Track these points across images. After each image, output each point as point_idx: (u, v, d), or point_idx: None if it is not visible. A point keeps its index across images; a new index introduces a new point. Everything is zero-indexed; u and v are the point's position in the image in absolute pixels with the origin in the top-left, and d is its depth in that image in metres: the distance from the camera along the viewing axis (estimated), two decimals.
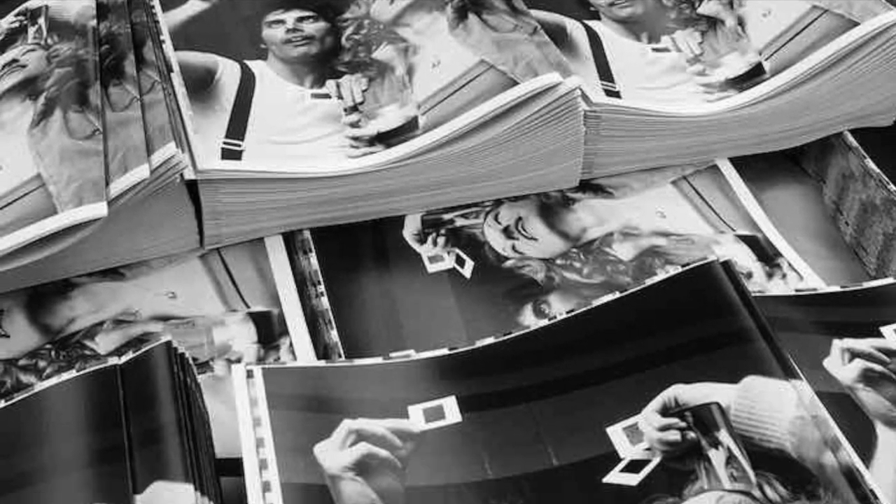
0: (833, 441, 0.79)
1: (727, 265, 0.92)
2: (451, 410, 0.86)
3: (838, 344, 0.92)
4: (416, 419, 0.85)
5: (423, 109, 1.11)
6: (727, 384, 0.84)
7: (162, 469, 0.77)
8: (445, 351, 0.91)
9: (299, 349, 1.01)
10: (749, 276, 1.08)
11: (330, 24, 1.23)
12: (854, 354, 0.91)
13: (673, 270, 0.93)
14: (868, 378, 0.89)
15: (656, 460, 0.81)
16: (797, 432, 0.80)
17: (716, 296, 0.90)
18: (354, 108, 1.13)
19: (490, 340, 0.91)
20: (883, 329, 0.93)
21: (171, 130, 1.01)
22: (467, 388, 0.87)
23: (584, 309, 0.92)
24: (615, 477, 0.81)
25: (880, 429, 0.86)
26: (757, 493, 0.77)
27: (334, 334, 1.00)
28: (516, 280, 1.07)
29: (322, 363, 0.92)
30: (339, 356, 0.98)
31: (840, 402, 0.87)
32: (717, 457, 0.80)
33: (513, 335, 0.92)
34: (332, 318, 1.01)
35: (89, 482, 0.77)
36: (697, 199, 1.18)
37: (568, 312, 0.92)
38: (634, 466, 0.81)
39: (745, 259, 1.10)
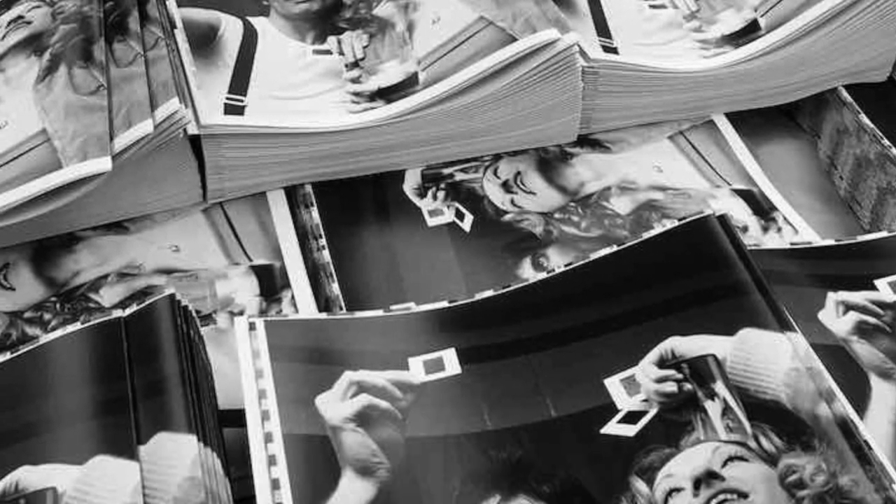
0: (828, 392, 0.79)
1: (723, 219, 0.92)
2: (451, 362, 0.85)
3: (833, 297, 0.91)
4: (416, 371, 0.85)
5: (423, 65, 1.11)
6: (723, 336, 0.83)
7: (165, 420, 0.76)
8: (445, 304, 0.90)
9: (301, 302, 1.01)
10: (745, 229, 1.07)
11: None
12: (848, 307, 0.90)
13: (670, 224, 0.92)
14: (862, 330, 0.89)
15: (653, 412, 0.80)
16: (792, 384, 0.79)
17: (712, 249, 0.89)
18: (355, 64, 1.13)
19: (489, 293, 0.91)
20: (877, 282, 0.93)
21: (174, 86, 1.01)
22: (467, 341, 0.87)
23: (582, 262, 0.91)
24: (612, 428, 0.80)
25: (874, 380, 0.86)
26: (752, 443, 0.77)
27: (335, 287, 0.99)
28: (515, 233, 1.07)
29: (323, 316, 0.91)
30: (341, 309, 0.97)
31: (834, 354, 0.86)
32: (713, 408, 0.79)
33: (512, 288, 0.91)
34: (333, 271, 1.01)
35: (93, 433, 0.77)
36: (694, 154, 1.17)
37: (566, 265, 0.92)
38: (632, 417, 0.80)
39: (740, 213, 1.10)
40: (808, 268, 0.94)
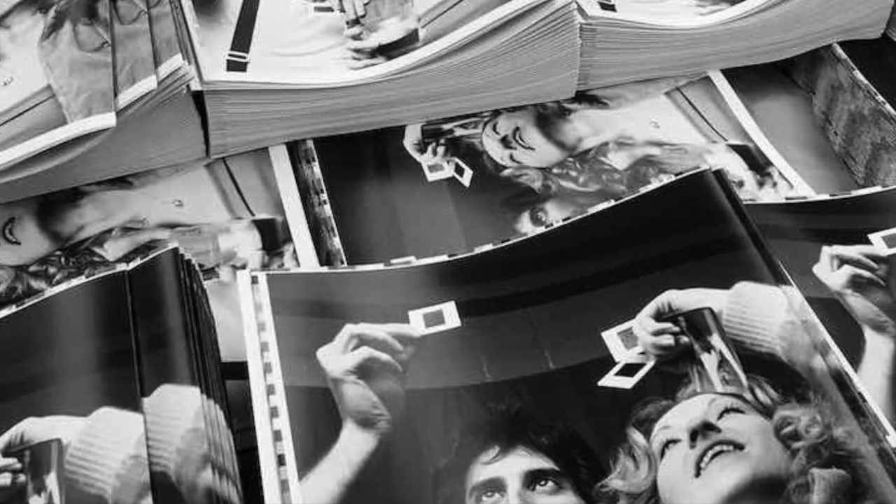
0: (822, 345, 0.78)
1: (719, 174, 0.91)
2: (451, 315, 0.85)
3: (827, 251, 0.91)
4: (416, 324, 0.84)
5: (423, 22, 1.09)
6: (719, 290, 0.83)
7: (168, 373, 0.76)
8: (445, 258, 0.89)
9: (302, 256, 1.00)
10: (740, 184, 1.07)
11: None
12: (843, 261, 0.90)
13: (666, 179, 0.91)
14: (856, 284, 0.88)
15: (650, 364, 0.80)
16: (787, 337, 0.79)
17: (708, 204, 0.89)
18: (356, 21, 1.12)
19: (488, 247, 0.90)
20: (871, 236, 0.92)
21: (177, 43, 1.00)
22: (466, 294, 0.86)
23: (580, 217, 0.91)
24: (610, 380, 0.80)
25: (868, 333, 0.85)
26: (748, 395, 0.76)
27: (337, 241, 0.99)
28: (514, 188, 1.06)
29: (325, 269, 0.91)
30: (342, 263, 0.97)
31: (829, 308, 0.86)
32: (709, 361, 0.79)
33: (510, 242, 0.91)
34: (334, 225, 1.00)
35: (98, 385, 0.76)
36: (690, 110, 1.16)
37: (564, 220, 0.91)
38: (629, 370, 0.80)
39: (736, 168, 1.09)
40: (803, 222, 0.94)
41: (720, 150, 1.11)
